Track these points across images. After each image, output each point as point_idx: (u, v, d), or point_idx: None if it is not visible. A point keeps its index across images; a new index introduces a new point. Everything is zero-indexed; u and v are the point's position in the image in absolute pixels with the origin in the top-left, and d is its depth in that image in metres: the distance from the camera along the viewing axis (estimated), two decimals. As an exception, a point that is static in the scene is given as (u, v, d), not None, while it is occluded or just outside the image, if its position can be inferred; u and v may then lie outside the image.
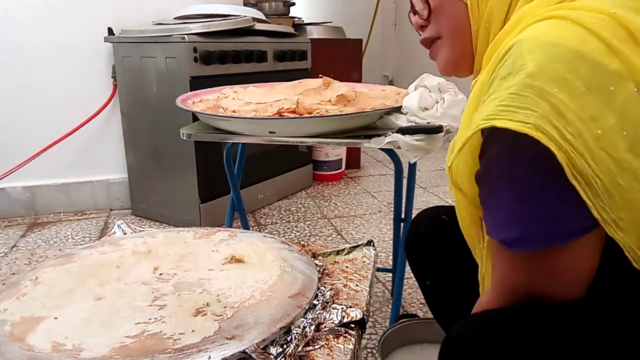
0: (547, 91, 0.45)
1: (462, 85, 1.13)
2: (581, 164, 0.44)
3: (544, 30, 0.49)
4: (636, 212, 0.45)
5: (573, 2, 0.51)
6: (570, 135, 0.44)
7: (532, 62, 0.46)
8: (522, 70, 0.46)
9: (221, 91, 1.24)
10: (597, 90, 0.45)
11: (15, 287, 0.71)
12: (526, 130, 0.44)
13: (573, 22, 0.48)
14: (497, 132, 0.47)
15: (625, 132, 0.45)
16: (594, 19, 0.47)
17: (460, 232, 0.64)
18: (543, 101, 0.45)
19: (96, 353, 0.55)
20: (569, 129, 0.44)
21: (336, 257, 0.86)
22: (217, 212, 1.90)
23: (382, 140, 0.97)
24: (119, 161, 2.09)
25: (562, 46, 0.46)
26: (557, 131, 0.44)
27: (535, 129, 0.44)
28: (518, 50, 0.48)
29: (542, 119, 0.44)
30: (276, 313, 0.62)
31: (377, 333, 1.25)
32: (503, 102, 0.46)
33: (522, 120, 0.45)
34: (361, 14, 4.11)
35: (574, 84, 0.45)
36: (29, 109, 1.96)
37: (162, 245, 0.84)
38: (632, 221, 0.45)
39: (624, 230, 0.45)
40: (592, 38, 0.46)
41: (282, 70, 2.10)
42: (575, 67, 0.45)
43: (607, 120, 0.45)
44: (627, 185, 0.45)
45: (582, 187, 0.44)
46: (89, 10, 1.93)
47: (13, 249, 1.75)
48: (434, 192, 2.35)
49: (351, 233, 1.88)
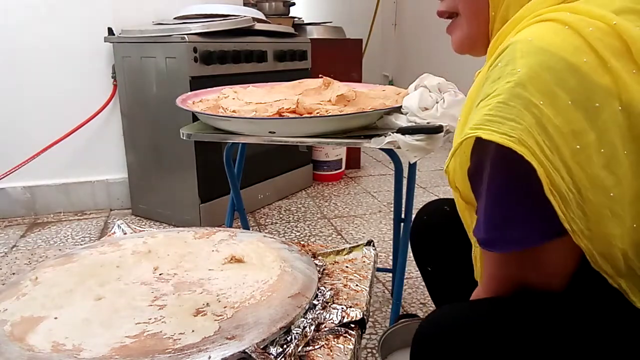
0: (534, 103, 0.46)
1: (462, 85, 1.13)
2: (557, 179, 0.45)
3: (540, 33, 0.49)
4: (603, 226, 0.47)
5: (577, 1, 0.51)
6: (548, 150, 0.45)
7: (523, 68, 0.47)
8: (512, 75, 0.47)
9: (221, 91, 1.24)
10: (582, 106, 0.46)
11: (15, 287, 0.71)
12: (510, 144, 0.45)
13: (571, 28, 0.48)
14: (483, 141, 0.48)
15: (603, 150, 0.46)
16: (592, 28, 0.47)
17: (461, 223, 0.65)
18: (528, 113, 0.46)
19: (96, 353, 0.55)
20: (547, 144, 0.45)
21: (336, 257, 0.86)
22: (217, 212, 1.90)
23: (382, 140, 0.97)
24: (119, 161, 2.09)
25: (555, 55, 0.46)
26: (538, 146, 0.45)
27: (519, 143, 0.45)
28: (511, 52, 0.49)
29: (526, 133, 0.45)
30: (276, 313, 0.62)
31: (377, 333, 1.25)
32: (491, 111, 0.47)
33: (507, 132, 0.46)
34: (361, 14, 4.11)
35: (560, 97, 0.46)
36: (29, 109, 1.96)
37: (162, 245, 0.84)
38: (598, 232, 0.47)
39: (589, 239, 0.47)
40: (586, 49, 0.47)
41: (282, 70, 2.10)
42: (564, 79, 0.46)
43: (588, 136, 0.45)
44: (596, 201, 0.46)
45: (557, 202, 0.45)
46: (89, 10, 1.93)
47: (13, 249, 1.75)
48: (434, 192, 2.35)
49: (351, 233, 1.88)
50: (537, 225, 0.49)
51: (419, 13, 3.84)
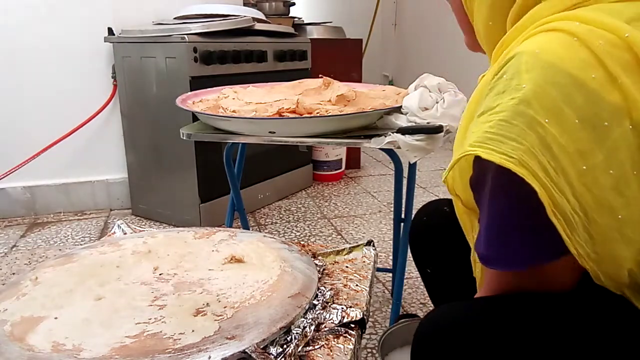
0: (538, 121, 0.44)
1: (462, 85, 1.13)
2: (562, 200, 0.43)
3: (547, 45, 0.47)
4: (611, 248, 0.45)
5: (587, 7, 0.49)
6: (553, 170, 0.43)
7: (528, 84, 0.45)
8: (517, 91, 0.45)
9: (221, 91, 1.24)
10: (590, 125, 0.44)
11: (15, 287, 0.71)
12: (509, 165, 0.43)
13: (580, 40, 0.45)
14: (483, 160, 0.46)
15: (612, 171, 0.44)
16: (602, 41, 0.45)
17: None
18: (532, 132, 0.44)
19: (96, 353, 0.55)
20: (552, 164, 0.43)
21: (336, 257, 0.86)
22: (217, 212, 1.90)
23: (382, 140, 0.97)
24: (119, 161, 2.09)
25: (562, 70, 0.44)
26: (540, 167, 0.43)
27: (519, 164, 0.43)
28: (517, 64, 0.47)
29: (527, 153, 0.43)
30: (276, 313, 0.62)
31: (377, 333, 1.25)
32: (492, 128, 0.46)
33: (506, 153, 0.44)
34: (361, 14, 4.11)
35: (567, 115, 0.44)
36: (29, 109, 1.96)
37: (162, 245, 0.84)
38: (605, 255, 0.46)
39: (596, 261, 0.46)
40: (595, 64, 0.44)
41: (282, 70, 2.10)
42: (571, 96, 0.44)
43: (595, 157, 0.44)
44: (603, 223, 0.44)
45: (562, 224, 0.44)
46: (89, 10, 1.93)
47: (13, 249, 1.75)
48: (434, 192, 2.35)
49: (351, 233, 1.88)
50: (540, 246, 0.48)
51: (419, 13, 3.84)
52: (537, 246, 0.48)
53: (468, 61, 2.91)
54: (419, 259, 0.93)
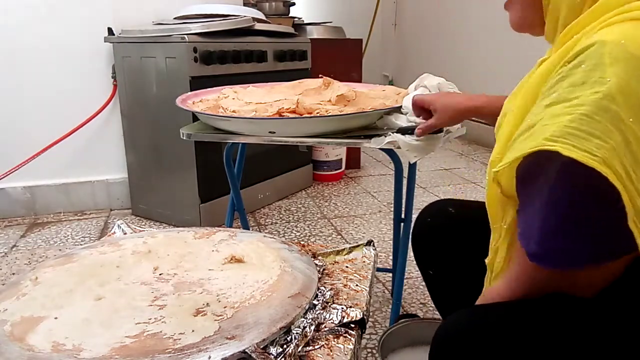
0: (622, 119, 0.41)
1: (463, 85, 1.13)
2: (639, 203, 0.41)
3: (632, 34, 0.43)
4: None
5: None
6: (633, 172, 0.41)
7: (613, 78, 0.42)
8: (600, 84, 0.42)
9: (221, 91, 1.24)
10: None
11: (15, 287, 0.71)
12: (594, 164, 0.40)
13: None
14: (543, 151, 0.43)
15: None
16: None
17: (466, 226, 0.63)
18: (616, 131, 0.41)
19: (96, 353, 0.55)
20: (633, 166, 0.41)
21: (336, 257, 0.86)
22: (217, 212, 1.90)
23: (382, 140, 0.97)
24: (119, 161, 2.09)
25: None
26: (623, 168, 0.41)
27: (604, 163, 0.40)
28: (598, 55, 0.43)
29: (612, 153, 0.41)
30: (276, 313, 0.62)
31: (377, 333, 1.25)
32: (572, 122, 0.42)
33: (590, 150, 0.41)
34: (361, 14, 4.12)
35: None
36: (29, 109, 1.96)
37: (162, 245, 0.84)
38: None
39: None
40: None
41: (282, 70, 2.10)
42: None
43: None
44: None
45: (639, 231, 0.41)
46: (89, 10, 1.93)
47: (13, 249, 1.75)
48: (434, 192, 2.35)
49: (351, 233, 1.88)
50: (599, 249, 0.46)
51: (419, 13, 3.85)
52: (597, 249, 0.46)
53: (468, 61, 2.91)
54: (421, 260, 0.91)
